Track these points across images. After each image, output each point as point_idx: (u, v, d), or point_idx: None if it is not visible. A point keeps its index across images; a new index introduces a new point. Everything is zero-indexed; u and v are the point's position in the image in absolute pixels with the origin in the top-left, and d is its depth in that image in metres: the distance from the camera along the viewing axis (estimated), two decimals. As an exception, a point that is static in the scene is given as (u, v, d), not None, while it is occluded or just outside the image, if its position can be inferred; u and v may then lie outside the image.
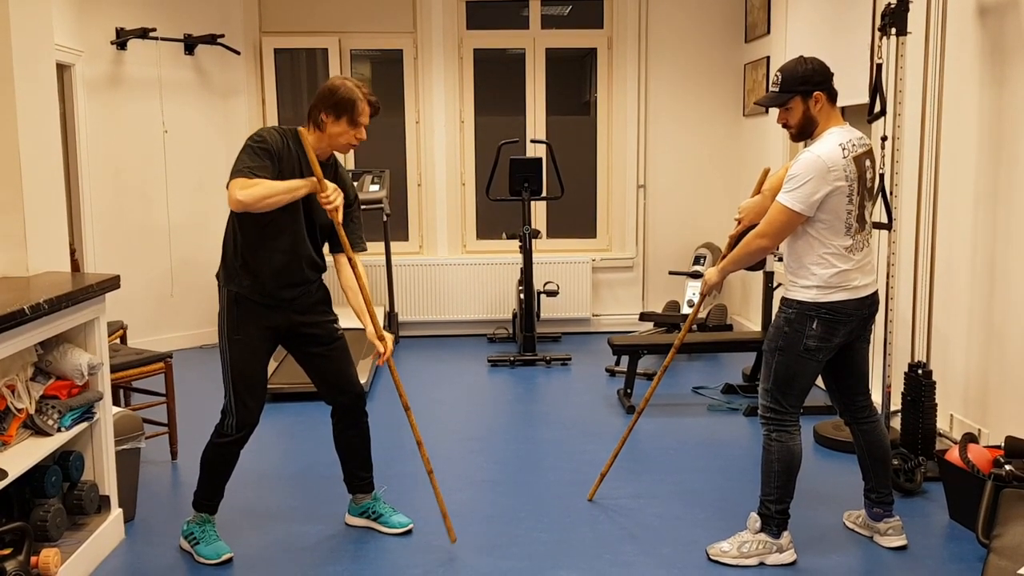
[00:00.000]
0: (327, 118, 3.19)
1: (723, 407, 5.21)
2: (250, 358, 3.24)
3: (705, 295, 3.60)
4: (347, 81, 3.22)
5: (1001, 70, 3.80)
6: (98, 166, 6.33)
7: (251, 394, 3.25)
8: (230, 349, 3.22)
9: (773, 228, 3.11)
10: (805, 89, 3.09)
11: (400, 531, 3.52)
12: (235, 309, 3.21)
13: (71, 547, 3.13)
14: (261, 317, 3.24)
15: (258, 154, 3.07)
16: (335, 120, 3.19)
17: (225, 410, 3.28)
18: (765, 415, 3.24)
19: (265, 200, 3.00)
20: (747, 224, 3.45)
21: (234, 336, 3.21)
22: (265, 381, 3.33)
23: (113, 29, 6.33)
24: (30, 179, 3.33)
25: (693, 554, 3.32)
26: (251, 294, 3.21)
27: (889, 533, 3.36)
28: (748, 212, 3.45)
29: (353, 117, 3.19)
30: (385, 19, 7.09)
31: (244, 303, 3.21)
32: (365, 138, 3.26)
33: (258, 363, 3.27)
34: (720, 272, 3.40)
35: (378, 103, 3.26)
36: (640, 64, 7.15)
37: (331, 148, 3.27)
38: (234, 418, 3.25)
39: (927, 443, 3.96)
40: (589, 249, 7.40)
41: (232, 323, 3.22)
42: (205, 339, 6.91)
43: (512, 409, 5.31)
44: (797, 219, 3.06)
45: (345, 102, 3.17)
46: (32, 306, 2.80)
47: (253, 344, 3.23)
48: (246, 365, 3.23)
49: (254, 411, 3.27)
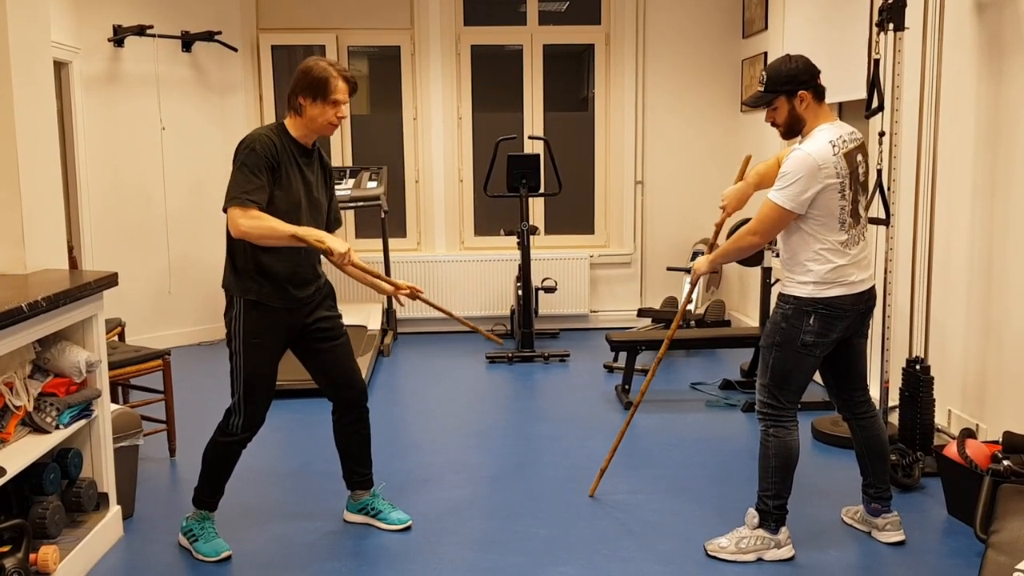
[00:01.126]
0: (305, 101, 3.15)
1: (721, 403, 5.22)
2: (266, 362, 3.24)
3: (695, 284, 3.62)
4: (320, 60, 3.18)
5: (999, 65, 3.80)
6: (96, 163, 6.32)
7: (264, 397, 3.27)
8: (246, 352, 3.20)
9: (764, 225, 3.12)
10: (790, 89, 3.09)
11: (399, 527, 3.52)
12: (253, 314, 3.18)
13: (70, 544, 3.13)
14: (280, 321, 3.24)
15: (254, 173, 3.06)
16: (312, 101, 3.15)
17: (232, 410, 3.27)
18: (762, 411, 3.24)
19: (265, 239, 3.05)
20: (730, 211, 3.49)
21: (252, 340, 3.19)
22: (275, 383, 3.33)
23: (110, 26, 6.32)
24: (27, 177, 3.33)
25: (691, 550, 3.32)
26: (270, 299, 3.19)
27: (887, 528, 3.36)
28: (730, 199, 3.47)
29: (328, 95, 3.14)
30: (382, 15, 7.09)
31: (263, 308, 3.19)
32: (346, 115, 3.22)
33: (273, 366, 3.28)
34: (710, 263, 3.41)
35: (354, 78, 3.21)
36: (638, 60, 7.14)
37: (314, 132, 3.23)
38: (241, 418, 3.25)
39: (925, 438, 3.96)
40: (587, 245, 7.40)
41: (250, 328, 3.19)
42: (203, 336, 6.91)
43: (510, 405, 5.31)
44: (788, 216, 3.07)
45: (319, 80, 3.13)
46: (30, 304, 2.79)
47: (271, 348, 3.24)
48: (262, 368, 3.24)
49: (262, 413, 3.29)
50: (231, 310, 3.22)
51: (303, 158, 3.23)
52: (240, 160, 3.08)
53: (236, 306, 3.20)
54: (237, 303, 3.20)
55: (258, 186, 3.05)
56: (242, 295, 3.19)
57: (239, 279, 3.19)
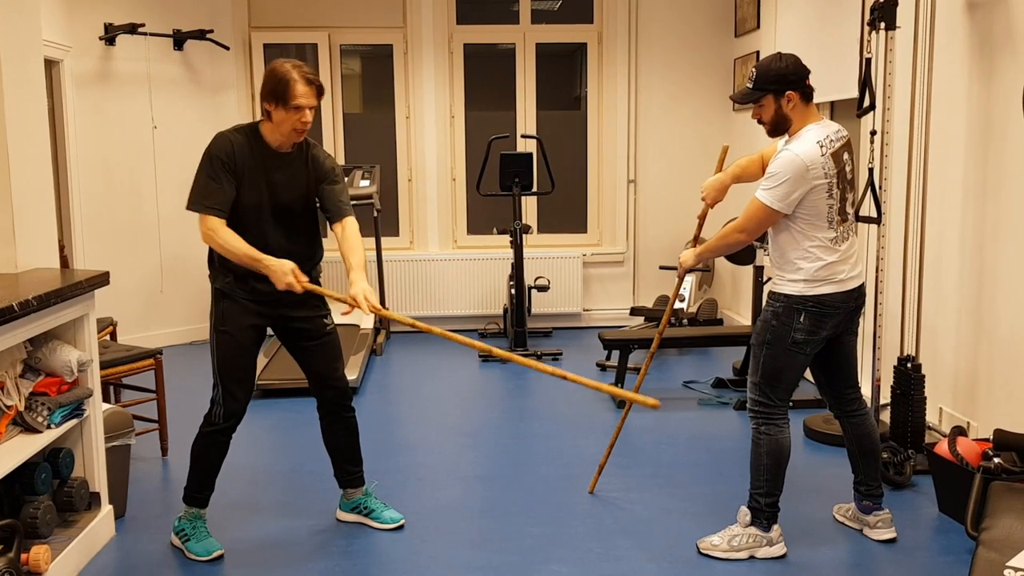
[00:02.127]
0: (271, 106, 3.09)
1: (713, 401, 5.23)
2: (236, 350, 3.27)
3: (682, 278, 3.63)
4: (285, 63, 3.08)
5: (989, 64, 3.81)
6: (87, 162, 6.30)
7: (238, 385, 3.29)
8: (217, 340, 3.28)
9: (751, 223, 3.14)
10: (777, 88, 3.10)
11: (392, 526, 3.52)
12: (221, 303, 3.28)
13: (61, 544, 3.12)
14: (245, 312, 3.28)
15: (211, 178, 3.10)
16: (275, 106, 3.07)
17: (213, 400, 3.32)
18: (754, 409, 3.25)
19: (227, 254, 3.11)
20: (711, 202, 3.51)
21: (220, 328, 3.27)
22: (253, 373, 3.38)
23: (101, 24, 6.29)
24: (19, 175, 3.32)
25: (683, 548, 3.33)
26: (233, 290, 3.26)
27: (879, 526, 3.37)
28: (709, 191, 3.49)
29: (288, 99, 3.02)
30: (375, 14, 7.08)
31: (229, 298, 3.27)
32: (309, 121, 3.10)
33: (245, 355, 3.30)
34: (696, 257, 3.43)
35: (318, 81, 3.08)
36: (630, 59, 7.15)
37: (282, 137, 3.16)
38: (221, 407, 3.28)
39: (916, 436, 3.97)
40: (580, 244, 7.40)
41: (219, 316, 3.28)
42: (195, 335, 6.89)
43: (503, 404, 5.32)
44: (774, 216, 3.09)
45: (279, 84, 3.02)
46: (21, 303, 2.79)
47: (238, 337, 3.27)
48: (232, 357, 3.28)
49: (241, 401, 3.31)
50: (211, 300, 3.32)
51: (273, 160, 3.20)
52: (200, 166, 3.14)
53: (213, 296, 3.30)
54: (214, 293, 3.30)
55: (215, 190, 3.10)
56: (213, 283, 3.29)
57: (212, 268, 3.30)
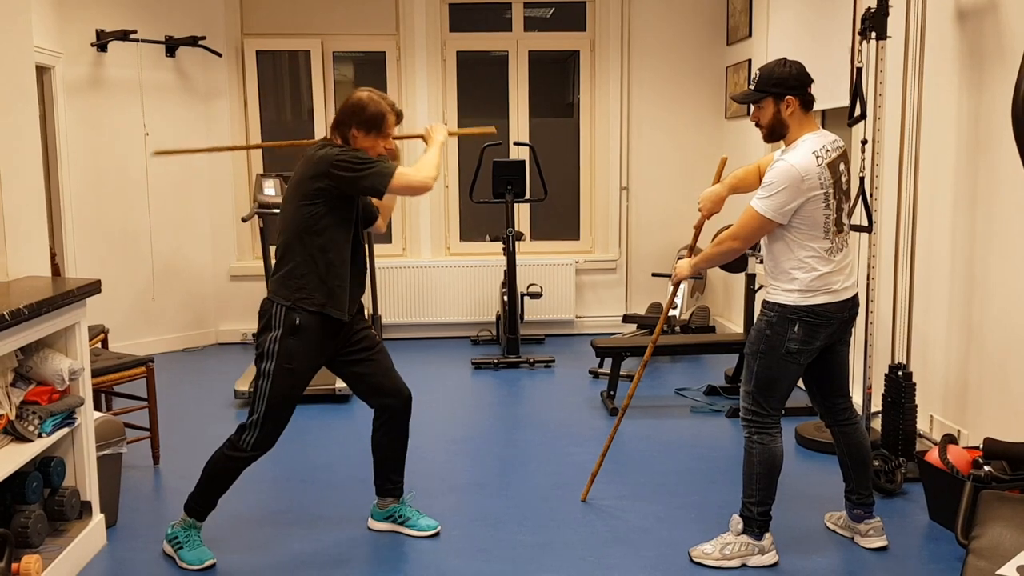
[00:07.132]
0: (358, 133, 3.27)
1: (706, 409, 5.24)
2: (295, 390, 3.26)
3: (676, 287, 3.64)
4: (372, 94, 3.30)
5: (979, 74, 3.84)
6: (79, 169, 6.28)
7: (282, 420, 3.28)
8: (276, 374, 3.19)
9: (745, 232, 3.15)
10: (778, 91, 3.11)
11: (428, 534, 3.53)
12: (291, 338, 3.18)
13: (52, 553, 3.11)
14: (319, 352, 3.27)
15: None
16: (365, 135, 3.27)
17: (246, 426, 3.25)
18: (747, 417, 3.26)
19: (435, 171, 3.32)
20: (707, 213, 3.53)
21: (286, 364, 3.19)
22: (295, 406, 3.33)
23: (93, 31, 6.28)
24: (9, 183, 3.31)
25: (675, 556, 3.33)
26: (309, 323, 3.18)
27: (870, 534, 3.38)
28: (706, 202, 3.52)
29: (383, 129, 3.30)
30: (367, 21, 7.08)
31: (306, 332, 3.19)
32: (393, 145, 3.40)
33: (300, 392, 3.29)
34: (692, 267, 3.45)
35: (401, 112, 3.40)
36: (623, 67, 7.16)
37: None
38: (254, 436, 3.23)
39: (907, 444, 3.99)
40: (572, 251, 7.40)
41: (286, 352, 3.19)
42: (187, 342, 6.88)
43: (496, 411, 5.31)
44: (769, 225, 3.10)
45: (375, 117, 3.27)
46: (12, 311, 2.78)
47: (303, 375, 3.26)
48: (288, 397, 3.25)
49: (275, 437, 3.29)
50: (269, 331, 3.20)
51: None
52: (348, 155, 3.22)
53: (277, 321, 3.19)
54: (283, 319, 3.18)
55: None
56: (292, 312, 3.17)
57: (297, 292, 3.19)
